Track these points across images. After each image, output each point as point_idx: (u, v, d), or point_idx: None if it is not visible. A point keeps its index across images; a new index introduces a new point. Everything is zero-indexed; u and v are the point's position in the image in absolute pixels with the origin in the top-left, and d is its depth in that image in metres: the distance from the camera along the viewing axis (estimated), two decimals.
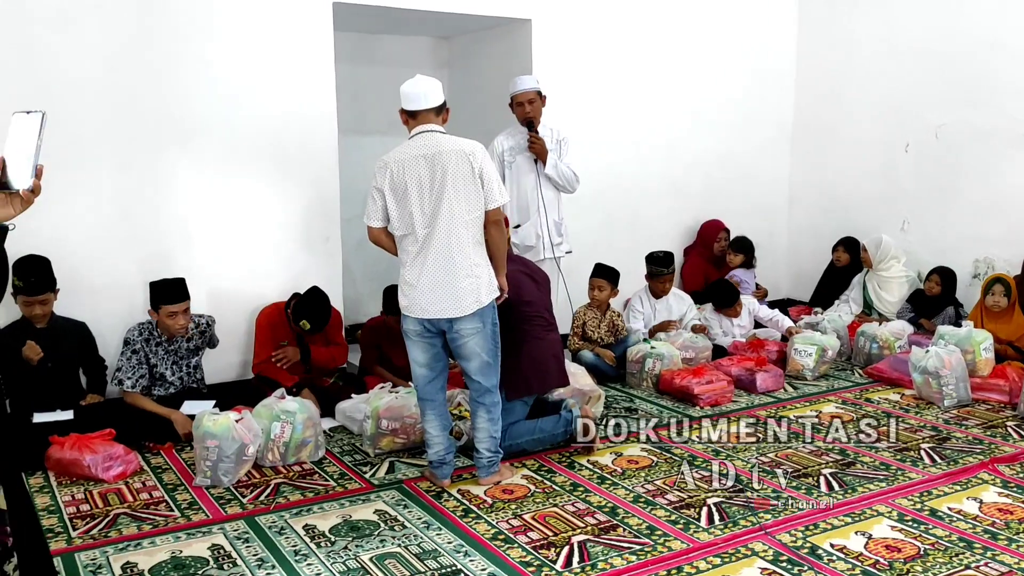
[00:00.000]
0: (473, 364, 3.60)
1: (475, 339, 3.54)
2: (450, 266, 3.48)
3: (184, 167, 4.82)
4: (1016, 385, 4.78)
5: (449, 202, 3.45)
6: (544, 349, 4.07)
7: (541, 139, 5.02)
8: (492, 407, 3.67)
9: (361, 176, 6.84)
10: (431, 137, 3.53)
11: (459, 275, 3.47)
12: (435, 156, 3.47)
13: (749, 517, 3.35)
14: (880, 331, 5.67)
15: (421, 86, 3.58)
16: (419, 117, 3.57)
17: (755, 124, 7.12)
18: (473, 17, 5.86)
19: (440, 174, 3.46)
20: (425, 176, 3.47)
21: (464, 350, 3.57)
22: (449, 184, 3.45)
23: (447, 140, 3.53)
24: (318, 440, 4.08)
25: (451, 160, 3.46)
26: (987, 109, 6.02)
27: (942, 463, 3.93)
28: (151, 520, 3.40)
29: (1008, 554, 3.02)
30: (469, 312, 3.49)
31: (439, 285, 3.49)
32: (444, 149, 3.48)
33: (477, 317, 3.52)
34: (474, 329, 3.53)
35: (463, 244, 3.48)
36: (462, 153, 3.47)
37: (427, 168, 3.47)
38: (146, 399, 4.34)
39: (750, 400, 5.00)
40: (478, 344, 3.56)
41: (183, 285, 4.40)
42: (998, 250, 5.93)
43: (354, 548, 3.13)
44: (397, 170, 3.52)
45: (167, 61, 4.69)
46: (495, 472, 3.73)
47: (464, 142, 3.54)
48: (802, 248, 7.37)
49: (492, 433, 3.68)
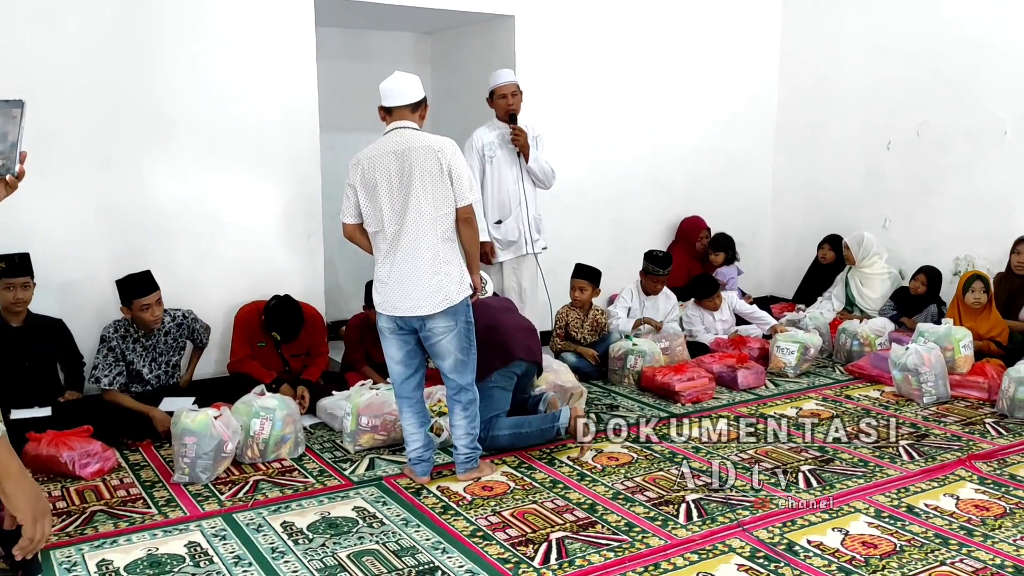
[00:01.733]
0: (447, 362, 3.58)
1: (447, 337, 3.53)
2: (418, 263, 3.47)
3: (164, 163, 4.79)
4: (995, 382, 4.81)
5: (417, 199, 3.44)
6: (504, 322, 4.11)
7: (524, 132, 5.02)
8: (468, 404, 3.66)
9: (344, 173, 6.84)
10: (402, 133, 3.52)
11: (427, 272, 3.46)
12: (404, 152, 3.46)
13: (727, 513, 3.36)
14: (861, 328, 5.70)
15: (397, 82, 3.57)
16: (395, 113, 3.57)
17: (739, 122, 7.13)
18: (456, 13, 5.85)
19: (408, 171, 3.45)
20: (394, 173, 3.46)
21: (437, 348, 3.56)
22: (416, 181, 3.44)
23: (417, 136, 3.51)
24: (298, 437, 4.07)
25: (419, 156, 3.44)
26: (969, 108, 6.05)
27: (920, 460, 3.95)
28: (128, 517, 3.38)
29: (983, 550, 3.04)
30: (438, 310, 3.48)
31: (408, 282, 3.48)
32: (413, 145, 3.46)
33: (449, 315, 3.50)
34: (446, 328, 3.52)
35: (431, 241, 3.46)
36: (430, 149, 3.45)
37: (396, 165, 3.46)
38: (125, 396, 4.31)
39: (731, 397, 5.01)
40: (451, 342, 3.54)
41: (150, 276, 4.37)
42: (979, 248, 5.96)
43: (332, 545, 3.12)
44: (368, 166, 3.52)
45: (148, 56, 4.66)
46: (474, 468, 3.72)
47: (434, 139, 3.51)
48: (786, 245, 7.39)
49: (469, 430, 3.67)
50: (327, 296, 5.47)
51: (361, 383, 4.30)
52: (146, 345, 4.43)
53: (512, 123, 5.02)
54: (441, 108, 6.95)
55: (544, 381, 4.54)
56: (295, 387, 4.59)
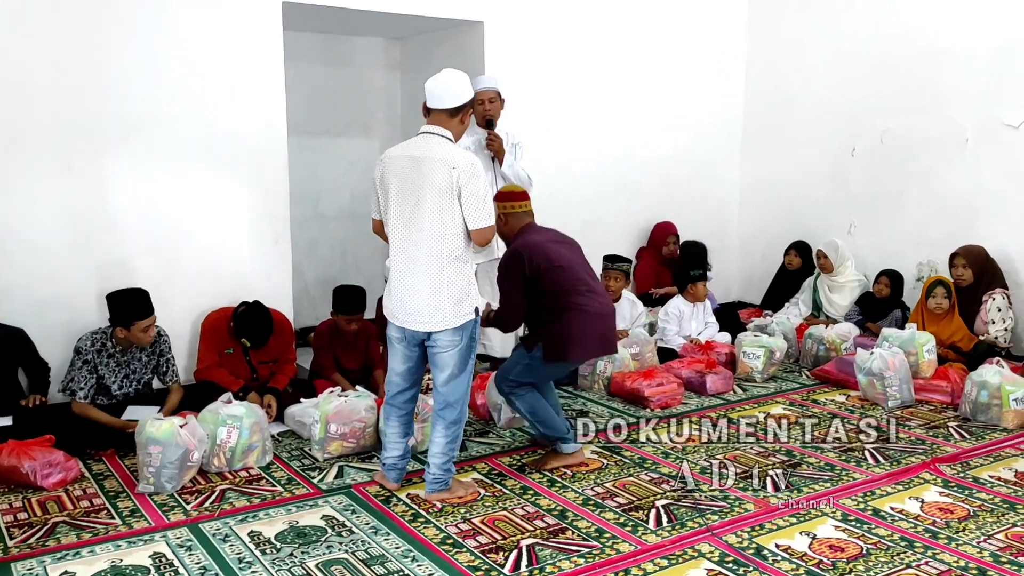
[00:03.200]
0: (442, 375, 3.48)
1: (450, 352, 3.43)
2: (417, 278, 3.37)
3: (128, 167, 4.72)
4: (957, 386, 4.89)
5: (424, 213, 3.31)
6: (586, 321, 3.88)
7: (499, 137, 5.03)
8: (452, 424, 3.52)
9: (313, 177, 6.82)
10: (428, 139, 3.38)
11: (426, 291, 3.36)
12: (421, 161, 3.32)
13: (696, 519, 3.38)
14: (827, 333, 5.77)
15: (441, 82, 3.42)
16: (432, 116, 3.44)
17: (706, 127, 7.20)
18: (425, 19, 5.84)
19: (420, 181, 3.31)
20: (407, 179, 3.35)
21: (438, 359, 3.47)
22: (427, 195, 3.30)
23: (440, 146, 3.34)
24: (265, 445, 4.03)
25: (433, 169, 3.29)
26: (932, 115, 6.15)
27: (885, 463, 4.00)
28: (91, 528, 3.32)
29: (948, 553, 3.08)
30: (436, 329, 3.39)
31: (408, 295, 3.40)
32: (431, 155, 3.31)
33: (457, 331, 3.40)
34: (450, 343, 3.41)
35: (433, 260, 3.33)
36: (445, 164, 3.28)
37: (411, 171, 3.34)
38: (98, 411, 4.20)
39: (700, 402, 5.04)
40: (452, 357, 3.44)
41: (146, 297, 4.25)
42: (941, 253, 6.05)
43: (300, 555, 3.09)
44: (388, 166, 3.42)
45: (110, 59, 4.59)
46: (443, 490, 3.57)
47: (453, 151, 3.34)
48: (753, 251, 7.46)
49: (446, 449, 3.54)
50: (295, 302, 5.43)
51: (330, 390, 4.27)
52: (120, 361, 4.33)
53: (489, 128, 5.02)
54: (411, 114, 6.94)
55: None
56: (262, 395, 4.54)
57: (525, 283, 3.83)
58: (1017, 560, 3.02)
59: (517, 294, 3.85)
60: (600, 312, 3.96)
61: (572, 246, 4.11)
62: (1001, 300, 5.52)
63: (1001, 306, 5.51)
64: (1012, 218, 5.77)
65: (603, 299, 4.04)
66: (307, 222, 6.81)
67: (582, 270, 4.01)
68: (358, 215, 7.17)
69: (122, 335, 4.23)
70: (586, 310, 3.89)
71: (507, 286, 3.89)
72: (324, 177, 6.94)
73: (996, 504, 3.52)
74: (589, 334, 3.91)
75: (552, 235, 4.09)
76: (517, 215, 4.03)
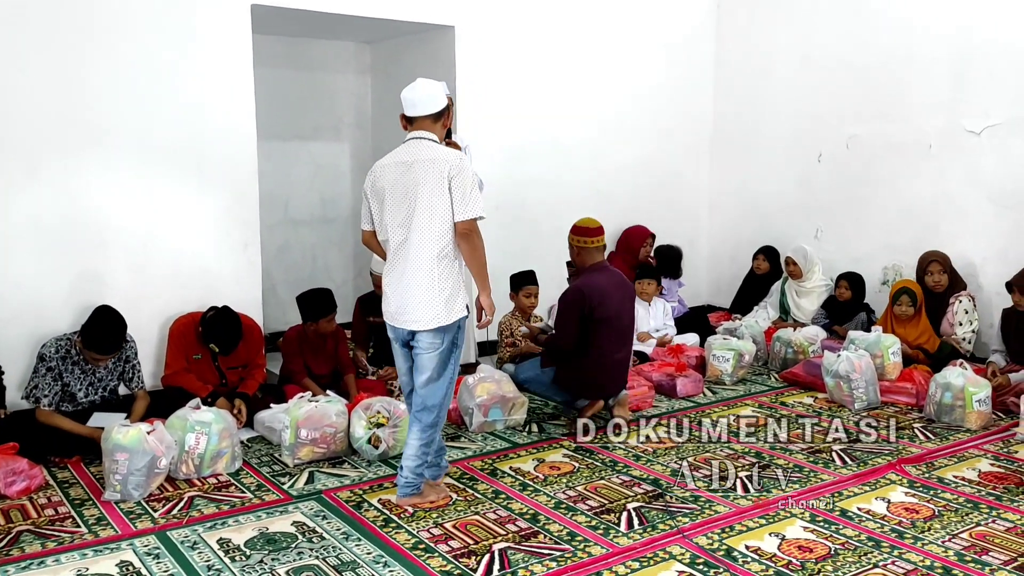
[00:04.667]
0: (421, 377, 3.51)
1: (429, 355, 3.47)
2: (412, 278, 3.43)
3: (95, 172, 4.65)
4: (922, 388, 4.97)
5: (419, 213, 3.39)
6: (602, 368, 4.51)
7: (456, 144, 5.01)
8: (427, 427, 3.53)
9: (284, 181, 6.77)
10: (415, 144, 3.48)
11: (420, 288, 3.42)
12: (412, 164, 3.42)
13: (667, 521, 3.40)
14: (795, 336, 5.83)
15: (418, 92, 3.52)
16: (415, 123, 3.52)
17: (676, 133, 7.25)
18: (396, 23, 5.82)
19: (412, 183, 3.40)
20: (399, 184, 3.43)
21: (418, 360, 3.52)
22: (420, 194, 3.39)
23: (427, 148, 3.45)
24: (234, 451, 3.99)
25: (424, 169, 3.39)
26: (896, 122, 6.25)
27: (852, 464, 4.05)
28: (56, 537, 3.27)
29: (914, 552, 3.13)
30: (429, 327, 3.43)
31: (404, 296, 3.45)
32: (420, 158, 3.42)
33: (438, 333, 3.45)
34: (431, 345, 3.46)
35: (426, 258, 3.40)
36: (435, 162, 3.39)
37: (403, 176, 3.43)
38: (63, 418, 4.13)
39: (670, 405, 5.07)
40: (431, 360, 3.47)
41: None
42: (906, 257, 6.15)
43: (270, 562, 3.06)
44: (379, 175, 3.51)
45: (77, 62, 4.53)
46: (415, 495, 3.56)
47: (442, 151, 3.45)
48: (722, 255, 7.53)
49: (420, 453, 3.55)
50: (264, 307, 5.38)
51: (300, 395, 4.24)
52: (85, 369, 4.27)
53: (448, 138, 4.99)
54: (381, 118, 6.92)
55: (485, 391, 4.54)
56: (231, 400, 4.50)
57: (580, 315, 4.42)
58: (981, 559, 3.07)
59: (573, 324, 4.45)
60: (622, 363, 4.61)
61: (625, 293, 4.65)
62: (967, 303, 5.61)
63: (968, 308, 5.61)
64: (974, 222, 5.88)
65: (628, 349, 4.67)
66: (277, 226, 6.77)
67: (626, 320, 4.60)
68: (328, 219, 7.15)
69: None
70: (610, 360, 4.52)
71: (565, 317, 4.50)
72: (294, 181, 6.90)
73: (960, 504, 3.57)
74: (604, 378, 4.56)
75: (615, 280, 4.60)
76: (589, 250, 4.58)
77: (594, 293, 4.43)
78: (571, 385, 4.62)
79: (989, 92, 5.76)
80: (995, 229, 5.78)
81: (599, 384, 4.59)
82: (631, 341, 4.74)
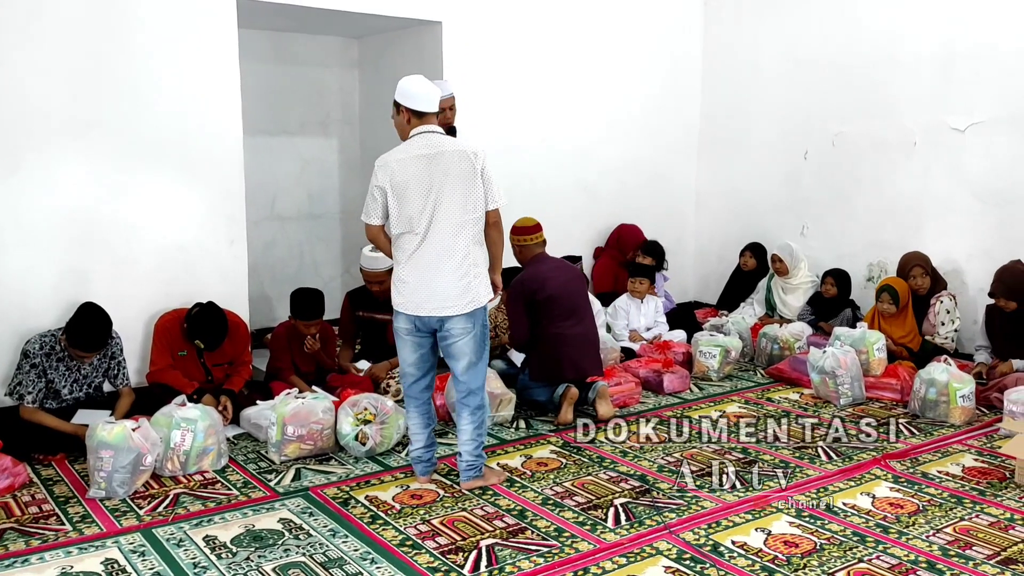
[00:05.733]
0: (461, 364, 3.62)
1: (465, 340, 3.58)
2: (447, 265, 3.51)
3: (80, 168, 4.61)
4: (907, 384, 5.00)
5: (450, 202, 3.49)
6: (564, 345, 4.62)
7: None
8: (476, 410, 3.66)
9: (270, 177, 6.74)
10: (432, 138, 3.56)
11: (456, 274, 3.51)
12: (436, 156, 3.50)
13: (654, 517, 3.41)
14: (781, 332, 5.86)
15: (427, 87, 3.60)
16: (425, 118, 3.60)
17: (663, 130, 7.27)
18: (383, 18, 5.81)
19: (441, 174, 3.49)
20: (425, 176, 3.49)
21: (453, 349, 3.60)
22: (449, 184, 3.48)
23: (448, 141, 3.57)
24: (220, 448, 3.97)
25: (453, 160, 3.50)
26: (881, 119, 6.28)
27: (838, 460, 4.07)
28: (40, 535, 3.24)
29: (898, 547, 3.15)
30: (466, 311, 3.53)
31: (435, 283, 3.51)
32: (446, 150, 3.52)
33: (469, 317, 3.56)
34: (464, 330, 3.56)
35: (462, 244, 3.51)
36: (464, 153, 3.51)
37: (427, 168, 3.50)
38: (48, 416, 4.10)
39: (657, 401, 5.09)
40: (467, 344, 3.59)
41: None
42: (891, 254, 6.18)
43: (257, 559, 3.05)
44: (399, 169, 3.53)
45: (58, 56, 4.49)
46: (477, 478, 3.71)
47: (467, 143, 3.60)
48: (709, 252, 7.55)
49: (475, 436, 3.67)
50: (251, 303, 5.35)
51: (287, 392, 4.22)
52: (70, 366, 4.23)
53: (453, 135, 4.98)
54: (369, 112, 6.91)
55: None
56: (217, 397, 4.48)
57: (524, 302, 4.63)
58: (964, 553, 3.10)
59: (520, 314, 4.66)
60: (579, 337, 4.68)
61: (570, 275, 4.79)
62: (949, 303, 5.65)
63: (949, 308, 5.64)
64: (958, 219, 5.92)
65: (586, 325, 4.76)
66: (263, 223, 6.74)
67: (575, 298, 4.73)
68: (316, 215, 7.13)
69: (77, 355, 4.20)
70: (565, 335, 4.62)
71: (512, 309, 4.72)
72: (281, 177, 6.87)
73: (944, 499, 3.60)
74: (566, 357, 4.63)
75: (555, 264, 4.82)
76: (529, 247, 4.83)
77: (533, 280, 4.65)
78: (543, 373, 4.68)
79: (973, 90, 5.80)
80: (980, 226, 5.82)
81: (563, 363, 4.63)
82: (588, 318, 4.81)
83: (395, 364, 4.95)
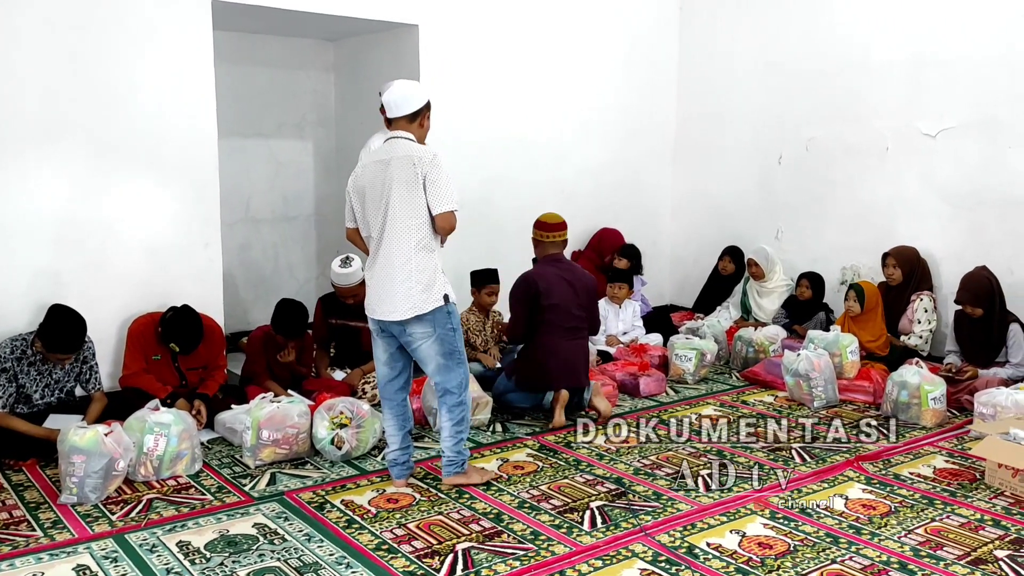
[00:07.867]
0: (428, 367, 3.66)
1: (427, 343, 3.60)
2: (391, 270, 3.55)
3: (52, 170, 4.55)
4: (879, 386, 5.06)
5: (394, 207, 3.52)
6: (549, 352, 4.62)
7: None
8: (454, 408, 3.68)
9: (245, 180, 6.70)
10: (393, 143, 3.61)
11: (398, 279, 3.54)
12: (388, 162, 3.55)
13: (630, 519, 3.42)
14: (756, 336, 5.90)
15: (396, 93, 3.63)
16: (393, 124, 3.66)
17: (639, 134, 7.30)
18: (359, 21, 5.79)
19: (390, 180, 3.53)
20: (378, 181, 3.56)
21: (418, 354, 3.65)
22: (396, 190, 3.52)
23: (402, 146, 3.57)
24: (194, 452, 3.94)
25: (398, 166, 3.52)
26: (854, 124, 6.35)
27: (811, 462, 4.11)
28: (10, 541, 3.20)
29: (871, 548, 3.18)
30: (406, 317, 3.54)
31: (383, 288, 3.58)
32: (395, 155, 3.54)
33: (427, 322, 3.56)
34: (423, 334, 3.58)
35: (404, 249, 3.53)
36: (408, 159, 3.52)
37: (380, 173, 3.56)
38: (18, 420, 4.03)
39: (634, 404, 5.11)
40: (431, 348, 3.60)
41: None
42: (864, 257, 6.25)
43: (231, 564, 3.03)
44: (361, 173, 3.64)
45: (31, 56, 4.44)
46: (459, 474, 3.75)
47: (415, 148, 3.57)
48: (685, 255, 7.59)
49: (454, 433, 3.70)
50: (226, 307, 5.31)
51: (262, 396, 4.20)
52: (41, 370, 4.18)
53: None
54: (345, 115, 6.88)
55: None
56: (191, 401, 4.44)
57: (528, 303, 4.63)
58: (936, 554, 3.14)
59: (520, 310, 4.66)
60: (570, 350, 4.67)
61: (580, 287, 4.73)
62: (928, 302, 5.71)
63: (928, 307, 5.70)
64: (930, 223, 5.99)
65: (579, 337, 4.74)
66: (238, 225, 6.70)
67: (574, 308, 4.68)
68: (290, 217, 7.09)
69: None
70: (556, 347, 4.63)
71: (513, 302, 4.73)
72: (255, 179, 6.83)
73: (916, 500, 3.65)
74: (552, 367, 4.62)
75: (569, 272, 4.77)
76: (544, 244, 4.80)
77: (542, 281, 4.64)
78: (530, 380, 4.69)
79: (944, 96, 5.87)
80: (950, 230, 5.89)
81: (552, 374, 4.65)
82: (584, 334, 4.81)
83: (368, 370, 4.94)
